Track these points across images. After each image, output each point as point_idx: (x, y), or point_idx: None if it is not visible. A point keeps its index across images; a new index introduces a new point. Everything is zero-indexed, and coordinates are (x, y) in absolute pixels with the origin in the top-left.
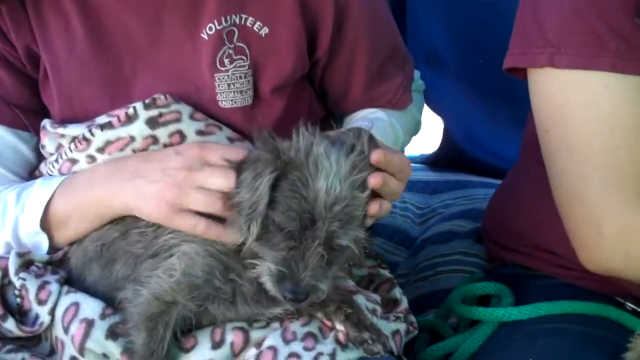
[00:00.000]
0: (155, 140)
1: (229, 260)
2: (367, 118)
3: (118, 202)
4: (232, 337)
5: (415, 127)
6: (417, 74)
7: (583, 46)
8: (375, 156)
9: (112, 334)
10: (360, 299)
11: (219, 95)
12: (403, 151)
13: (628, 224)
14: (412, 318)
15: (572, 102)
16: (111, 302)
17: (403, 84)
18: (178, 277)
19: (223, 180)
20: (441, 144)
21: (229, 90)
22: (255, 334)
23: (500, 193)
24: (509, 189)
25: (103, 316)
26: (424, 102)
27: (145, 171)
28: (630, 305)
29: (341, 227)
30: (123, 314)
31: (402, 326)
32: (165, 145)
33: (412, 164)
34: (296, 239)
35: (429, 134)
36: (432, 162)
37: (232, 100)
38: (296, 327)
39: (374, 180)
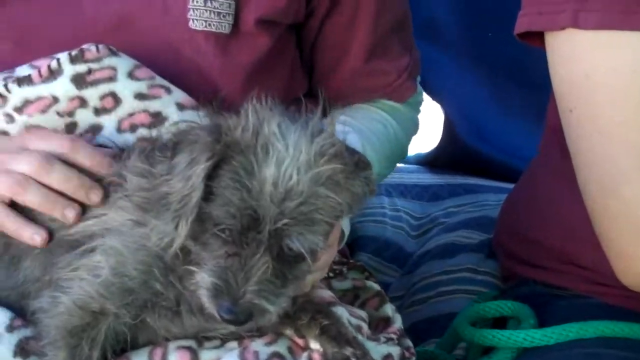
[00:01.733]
0: (83, 102)
1: (169, 258)
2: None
3: None
4: (176, 358)
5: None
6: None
7: (614, 1)
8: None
9: (22, 351)
10: (340, 310)
11: (191, 11)
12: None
13: None
14: (409, 342)
15: (601, 72)
16: (21, 312)
17: (409, 69)
18: (106, 277)
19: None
20: (441, 139)
21: (205, 7)
22: (206, 355)
23: (517, 196)
24: (528, 190)
25: (11, 328)
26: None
27: None
28: None
29: (292, 227)
30: (37, 327)
31: (395, 350)
32: (97, 110)
33: (406, 165)
34: (237, 243)
35: (426, 127)
36: (430, 162)
37: (206, 21)
38: (259, 346)
39: None
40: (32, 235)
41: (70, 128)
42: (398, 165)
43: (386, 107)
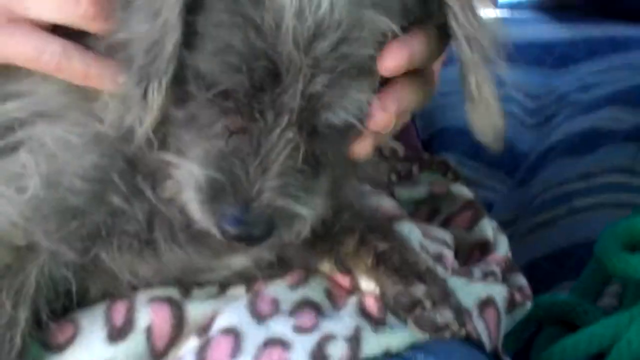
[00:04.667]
0: None
1: (135, 150)
2: None
3: None
4: (149, 316)
5: None
6: None
7: None
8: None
9: None
10: (407, 229)
11: None
12: None
13: None
14: (521, 279)
15: None
16: None
17: None
18: (35, 192)
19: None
20: None
21: None
22: (195, 310)
23: None
24: None
25: None
26: None
27: None
28: None
29: (333, 87)
30: None
31: (498, 290)
32: None
33: (516, 14)
34: (244, 112)
35: None
36: (554, 5)
37: None
38: (279, 290)
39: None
40: None
41: None
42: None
43: None
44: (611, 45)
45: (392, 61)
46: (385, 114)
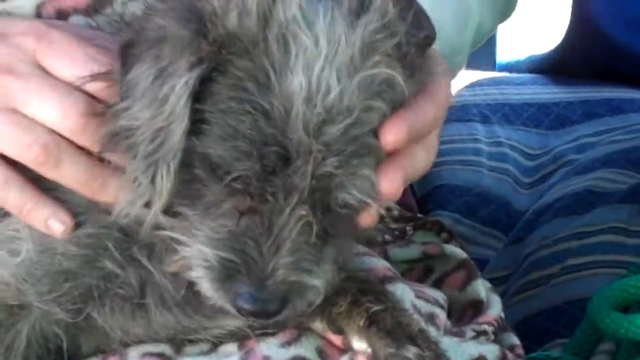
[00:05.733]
0: None
1: (128, 223)
2: None
3: None
4: None
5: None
6: None
7: None
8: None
9: None
10: (400, 290)
11: None
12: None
13: None
14: (513, 339)
15: None
16: None
17: None
18: (28, 255)
19: (58, 112)
20: (569, 30)
21: None
22: None
23: None
24: None
25: None
26: None
27: None
28: None
29: (343, 167)
30: None
31: (490, 350)
32: None
33: (512, 76)
34: (253, 194)
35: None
36: (552, 67)
37: None
38: (271, 348)
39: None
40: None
41: None
42: (499, 75)
43: None
44: (608, 107)
45: (392, 136)
46: (392, 185)
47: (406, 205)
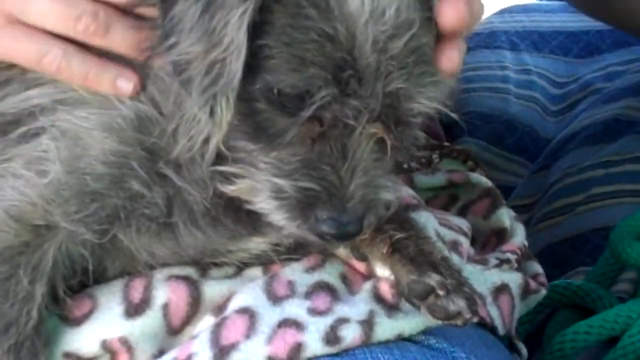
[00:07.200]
0: None
1: (154, 139)
2: None
3: None
4: (166, 294)
5: None
6: None
7: None
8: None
9: None
10: (424, 218)
11: None
12: None
13: None
14: (536, 267)
15: None
16: None
17: None
18: (56, 175)
19: None
20: None
21: None
22: (211, 289)
23: None
24: None
25: None
26: None
27: None
28: None
29: (408, 80)
30: None
31: (513, 278)
32: None
33: (544, 3)
34: (325, 120)
35: None
36: None
37: None
38: (296, 273)
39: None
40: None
41: None
42: (529, 2)
43: None
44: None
45: (453, 13)
46: (452, 64)
47: (433, 132)
